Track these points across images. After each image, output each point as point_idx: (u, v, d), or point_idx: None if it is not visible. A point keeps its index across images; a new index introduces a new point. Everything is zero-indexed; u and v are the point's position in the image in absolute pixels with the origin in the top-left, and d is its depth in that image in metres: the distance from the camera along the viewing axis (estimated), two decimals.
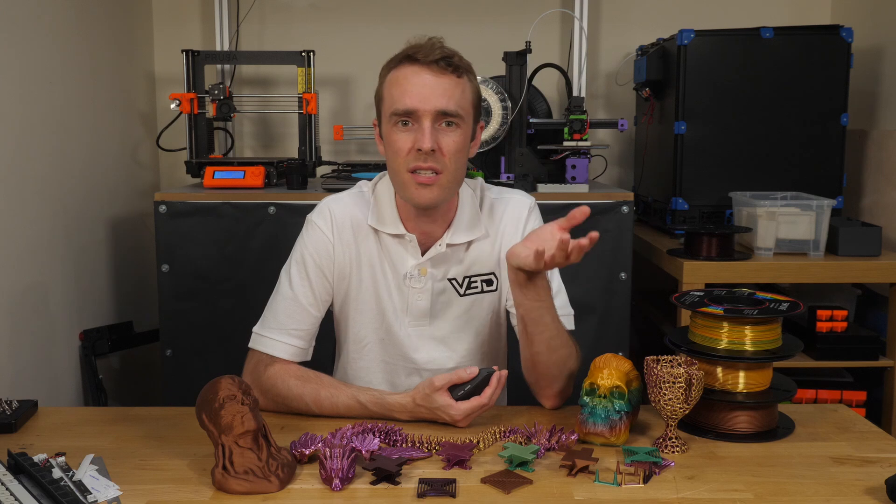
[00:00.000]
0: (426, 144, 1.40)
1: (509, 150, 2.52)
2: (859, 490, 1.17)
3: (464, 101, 1.44)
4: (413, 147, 1.42)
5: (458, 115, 1.42)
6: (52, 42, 2.23)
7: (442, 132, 1.42)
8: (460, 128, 1.44)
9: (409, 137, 1.42)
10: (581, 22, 2.80)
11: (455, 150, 1.43)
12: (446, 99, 1.41)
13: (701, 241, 2.34)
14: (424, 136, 1.40)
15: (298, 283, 1.53)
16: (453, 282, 1.56)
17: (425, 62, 1.41)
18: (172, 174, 3.06)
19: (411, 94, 1.41)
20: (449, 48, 1.44)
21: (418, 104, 1.40)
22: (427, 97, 1.40)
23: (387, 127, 1.46)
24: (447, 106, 1.41)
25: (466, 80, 1.45)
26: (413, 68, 1.42)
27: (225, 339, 2.29)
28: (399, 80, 1.43)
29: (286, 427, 1.41)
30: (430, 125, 1.40)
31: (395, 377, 1.60)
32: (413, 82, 1.41)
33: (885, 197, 2.61)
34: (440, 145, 1.41)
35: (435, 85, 1.41)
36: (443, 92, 1.41)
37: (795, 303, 1.40)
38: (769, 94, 2.55)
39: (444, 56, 1.41)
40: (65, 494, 1.11)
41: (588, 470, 1.22)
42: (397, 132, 1.43)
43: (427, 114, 1.40)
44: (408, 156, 1.42)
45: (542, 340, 1.43)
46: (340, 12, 3.03)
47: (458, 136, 1.43)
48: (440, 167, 1.42)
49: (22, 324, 2.05)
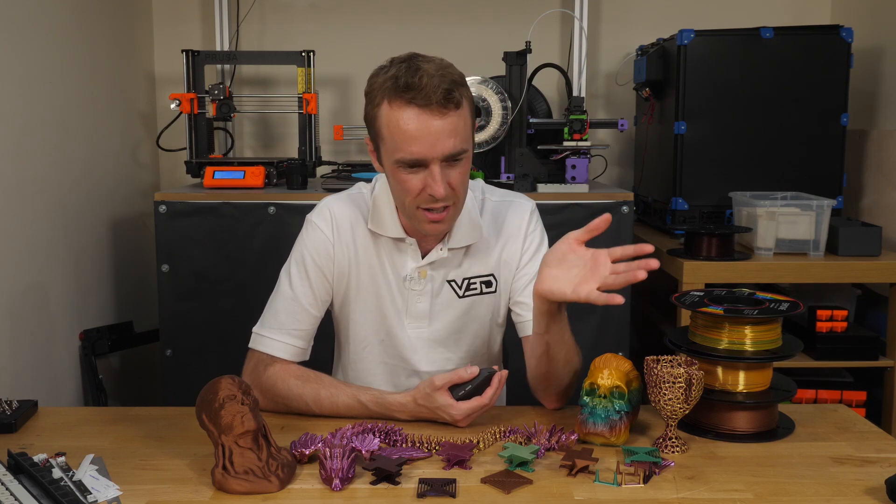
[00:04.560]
0: (440, 192, 1.36)
1: (509, 150, 2.52)
2: (859, 490, 1.17)
3: (466, 130, 1.39)
4: (424, 190, 1.39)
5: (465, 150, 1.39)
6: (52, 42, 2.23)
7: (450, 168, 1.39)
8: (466, 156, 1.40)
9: (419, 178, 1.38)
10: (581, 22, 2.80)
11: (462, 180, 1.41)
12: (453, 141, 1.36)
13: (701, 241, 2.34)
14: (437, 185, 1.36)
15: (298, 282, 1.53)
16: (452, 284, 1.56)
17: (427, 105, 1.33)
18: (172, 174, 3.06)
19: (419, 143, 1.34)
20: (444, 73, 1.35)
21: (427, 152, 1.35)
22: (434, 145, 1.35)
23: (390, 167, 1.41)
24: (454, 148, 1.36)
25: (465, 102, 1.38)
26: (414, 112, 1.34)
27: (225, 339, 2.30)
28: (400, 125, 1.35)
29: (286, 427, 1.41)
30: (439, 171, 1.37)
31: (396, 378, 1.60)
32: (419, 129, 1.34)
33: (885, 197, 2.61)
34: (450, 182, 1.39)
35: (441, 130, 1.34)
36: (449, 134, 1.35)
37: (795, 303, 1.40)
38: (769, 94, 2.55)
39: (445, 95, 1.33)
40: (65, 494, 1.11)
41: (588, 470, 1.22)
42: (404, 174, 1.39)
43: (436, 160, 1.36)
44: (419, 196, 1.40)
45: (560, 357, 1.44)
46: (340, 12, 3.03)
47: (465, 164, 1.41)
48: (451, 202, 1.41)
49: (22, 324, 2.05)
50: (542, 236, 1.60)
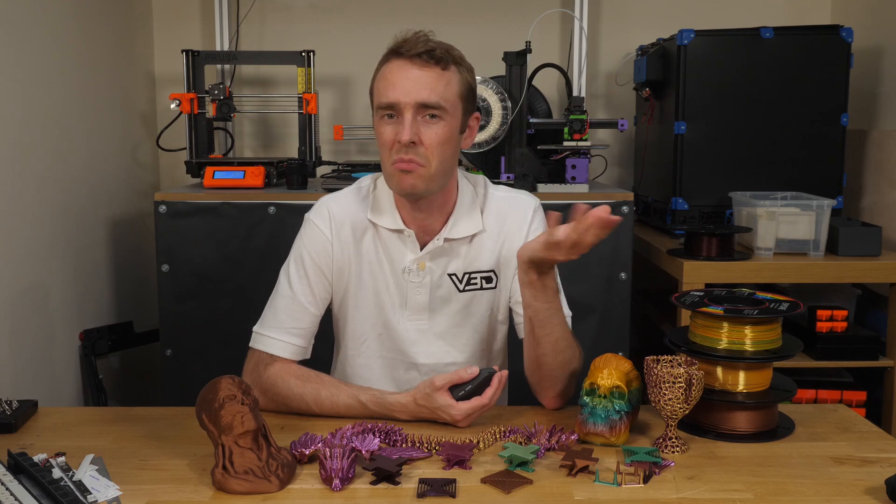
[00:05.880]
0: (405, 136, 1.41)
1: (509, 150, 2.52)
2: (859, 490, 1.17)
3: (448, 93, 1.44)
4: (395, 139, 1.43)
5: (441, 106, 1.43)
6: (52, 42, 2.23)
7: (425, 124, 1.43)
8: (444, 120, 1.44)
9: (393, 130, 1.44)
10: (581, 22, 2.80)
11: (438, 143, 1.44)
12: (428, 91, 1.42)
13: (701, 241, 2.34)
14: (404, 129, 1.42)
15: (297, 282, 1.54)
16: (453, 277, 1.56)
17: (408, 55, 1.43)
18: (172, 174, 3.06)
19: (394, 87, 1.42)
20: (435, 41, 1.45)
21: (400, 97, 1.42)
22: (409, 90, 1.42)
23: (375, 120, 1.48)
24: (428, 98, 1.42)
25: (454, 71, 1.46)
26: (398, 62, 1.44)
27: (225, 339, 2.29)
28: (385, 74, 1.45)
29: (286, 427, 1.41)
30: (410, 118, 1.42)
31: (394, 373, 1.60)
32: (397, 76, 1.43)
33: (885, 197, 2.61)
34: (422, 138, 1.43)
35: (417, 78, 1.42)
36: (424, 85, 1.42)
37: (795, 303, 1.40)
38: (769, 94, 2.55)
39: (427, 49, 1.43)
40: (65, 494, 1.11)
41: (588, 470, 1.22)
42: (383, 125, 1.45)
43: (408, 106, 1.42)
44: (392, 148, 1.44)
45: (549, 342, 1.44)
46: (340, 12, 3.03)
47: (442, 128, 1.44)
48: (421, 160, 1.43)
49: (22, 324, 2.05)
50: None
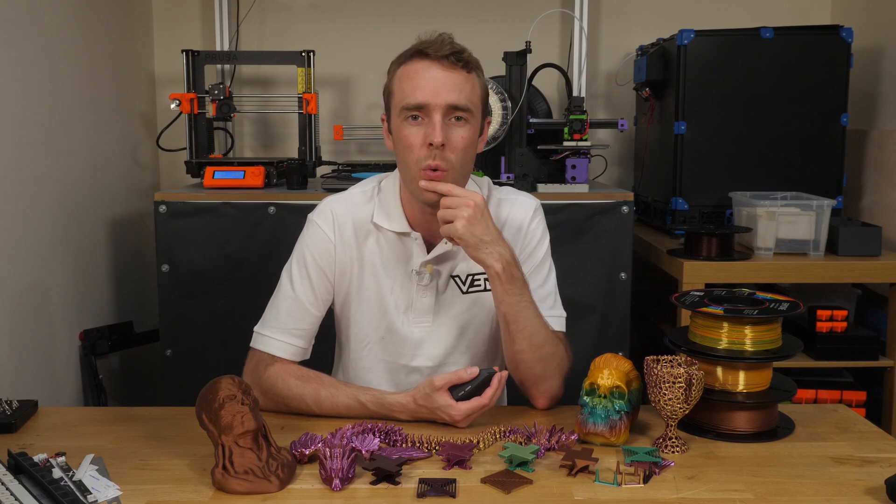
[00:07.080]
0: (437, 138, 1.40)
1: (509, 150, 2.52)
2: (859, 490, 1.17)
3: (473, 96, 1.45)
4: (424, 142, 1.42)
5: (468, 109, 1.43)
6: (52, 42, 2.23)
7: (451, 127, 1.43)
8: (469, 123, 1.44)
9: (420, 132, 1.42)
10: (581, 22, 2.80)
11: (464, 146, 1.44)
12: (457, 93, 1.42)
13: (701, 241, 2.34)
14: (435, 131, 1.40)
15: (299, 282, 1.53)
16: (456, 279, 1.56)
17: (436, 57, 1.41)
18: (172, 174, 3.06)
19: (422, 89, 1.41)
20: (458, 44, 1.45)
21: (429, 98, 1.41)
22: (438, 91, 1.41)
23: (397, 122, 1.46)
24: (458, 100, 1.41)
25: (475, 75, 1.46)
26: (423, 63, 1.42)
27: (225, 339, 2.29)
28: (410, 74, 1.43)
29: (286, 427, 1.41)
30: (440, 119, 1.41)
31: (396, 376, 1.59)
32: (424, 77, 1.42)
33: (885, 197, 2.61)
34: (449, 140, 1.42)
35: (445, 79, 1.41)
36: (453, 86, 1.42)
37: (795, 303, 1.40)
38: (769, 94, 2.55)
39: (455, 51, 1.42)
40: (65, 494, 1.11)
41: (588, 470, 1.22)
42: (408, 127, 1.44)
43: (438, 108, 1.41)
44: (419, 151, 1.43)
45: (523, 338, 1.44)
46: (340, 12, 3.03)
47: (468, 131, 1.44)
48: (446, 165, 1.43)
49: (22, 324, 2.04)
50: (542, 235, 1.60)
